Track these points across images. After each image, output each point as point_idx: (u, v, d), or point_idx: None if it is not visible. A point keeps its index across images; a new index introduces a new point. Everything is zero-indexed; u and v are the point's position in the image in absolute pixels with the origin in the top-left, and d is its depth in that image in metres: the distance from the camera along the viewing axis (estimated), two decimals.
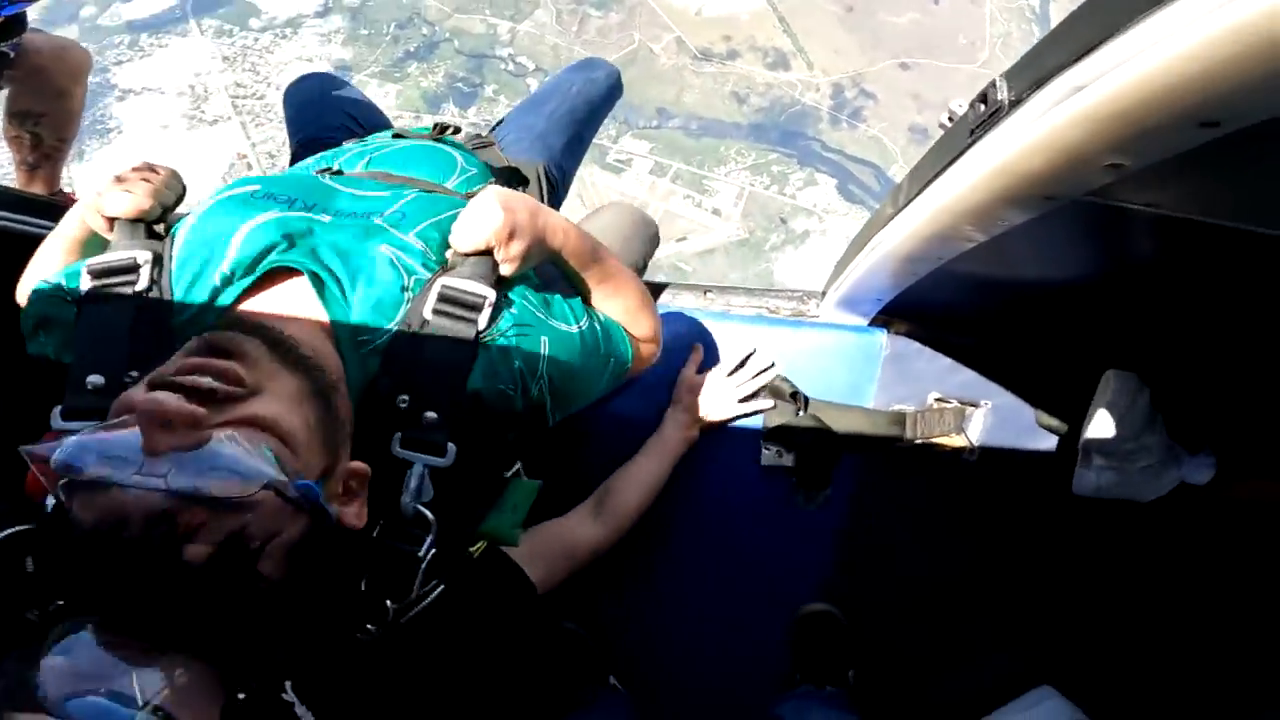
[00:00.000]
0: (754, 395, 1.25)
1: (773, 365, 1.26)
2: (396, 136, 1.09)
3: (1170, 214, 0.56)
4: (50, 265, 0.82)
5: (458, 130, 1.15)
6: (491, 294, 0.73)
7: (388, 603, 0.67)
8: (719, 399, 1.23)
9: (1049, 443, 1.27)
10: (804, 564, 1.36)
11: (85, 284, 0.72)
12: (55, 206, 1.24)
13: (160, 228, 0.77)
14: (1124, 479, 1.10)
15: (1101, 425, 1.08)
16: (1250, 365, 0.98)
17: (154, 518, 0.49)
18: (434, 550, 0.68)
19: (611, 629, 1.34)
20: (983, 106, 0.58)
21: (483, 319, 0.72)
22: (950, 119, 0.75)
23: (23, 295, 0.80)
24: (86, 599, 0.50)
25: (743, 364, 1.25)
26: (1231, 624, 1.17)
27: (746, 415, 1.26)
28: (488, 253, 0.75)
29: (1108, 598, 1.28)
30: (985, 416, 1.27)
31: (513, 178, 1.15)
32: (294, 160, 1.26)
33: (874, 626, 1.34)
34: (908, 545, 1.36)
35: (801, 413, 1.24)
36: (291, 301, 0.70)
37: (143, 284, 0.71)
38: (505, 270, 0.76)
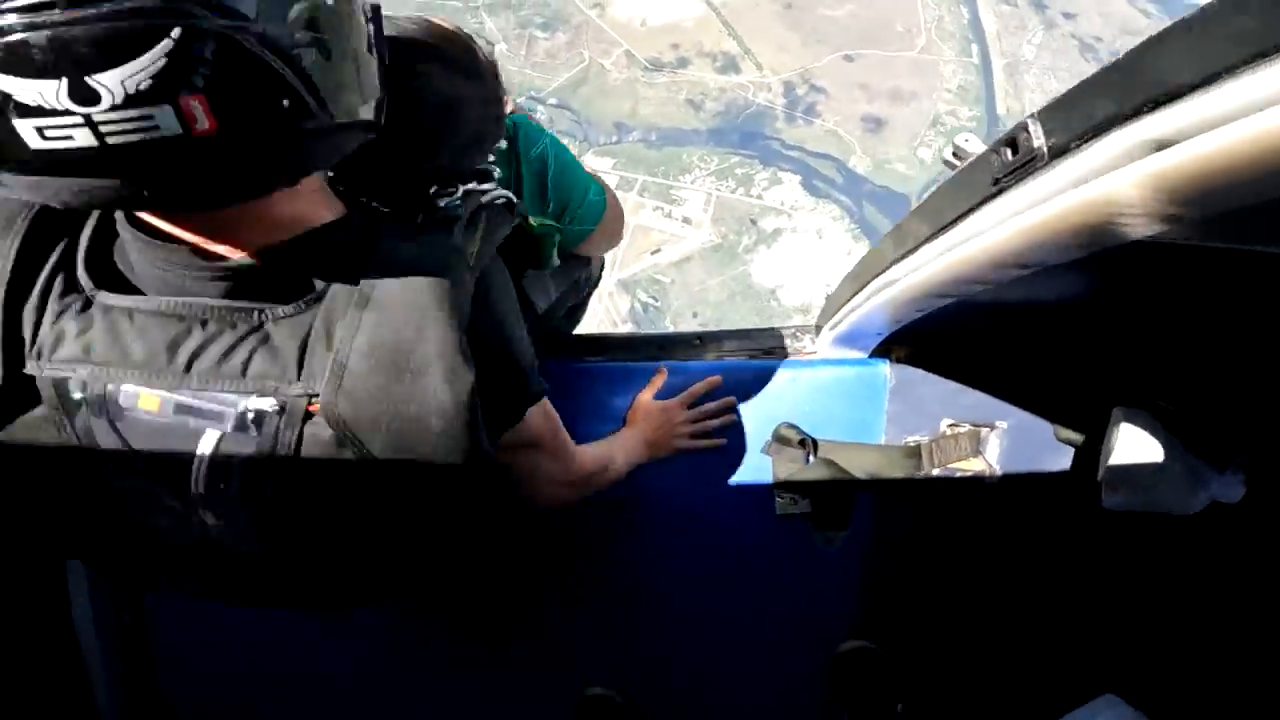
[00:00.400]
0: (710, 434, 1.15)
1: (735, 408, 1.16)
2: None
3: (1201, 245, 0.49)
4: None
5: None
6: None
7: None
8: (665, 431, 1.13)
9: (1070, 456, 1.21)
10: (833, 604, 1.29)
11: None
12: None
13: None
14: (1152, 503, 1.04)
15: (1118, 464, 1.02)
16: (1266, 376, 0.93)
17: None
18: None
19: (644, 690, 1.27)
20: (1010, 154, 0.50)
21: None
22: (956, 155, 0.68)
23: None
24: None
25: (701, 401, 1.14)
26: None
27: (699, 450, 1.16)
28: None
29: (1148, 603, 1.22)
30: (1001, 437, 1.20)
31: None
32: None
33: (915, 656, 1.27)
34: (937, 573, 1.29)
35: (812, 458, 1.15)
36: None
37: None
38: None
